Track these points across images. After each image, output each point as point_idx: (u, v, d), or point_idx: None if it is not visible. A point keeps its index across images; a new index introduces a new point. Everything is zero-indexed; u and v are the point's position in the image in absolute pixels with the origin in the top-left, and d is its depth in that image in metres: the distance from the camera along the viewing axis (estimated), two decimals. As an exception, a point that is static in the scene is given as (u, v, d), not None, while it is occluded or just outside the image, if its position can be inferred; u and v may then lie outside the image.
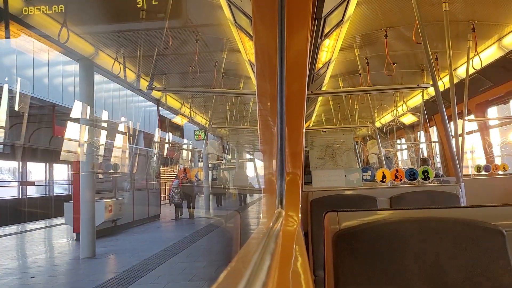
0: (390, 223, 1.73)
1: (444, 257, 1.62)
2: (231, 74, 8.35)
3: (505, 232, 1.62)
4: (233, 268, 0.72)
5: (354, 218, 1.78)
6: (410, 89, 8.82)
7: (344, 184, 4.36)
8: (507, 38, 5.98)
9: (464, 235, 1.66)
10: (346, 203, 3.80)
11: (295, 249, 1.13)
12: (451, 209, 1.94)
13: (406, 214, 1.91)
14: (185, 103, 11.22)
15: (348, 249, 1.68)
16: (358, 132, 14.97)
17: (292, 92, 1.60)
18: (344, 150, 4.65)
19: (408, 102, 10.58)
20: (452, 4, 5.04)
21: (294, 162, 1.81)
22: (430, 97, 8.86)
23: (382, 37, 5.98)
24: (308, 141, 4.72)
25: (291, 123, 1.65)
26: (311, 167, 4.58)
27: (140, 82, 7.44)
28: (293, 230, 1.46)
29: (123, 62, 6.69)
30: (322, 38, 4.45)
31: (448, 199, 3.76)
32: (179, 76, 8.44)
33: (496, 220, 1.69)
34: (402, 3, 5.08)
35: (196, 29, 6.14)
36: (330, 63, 6.77)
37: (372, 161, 14.23)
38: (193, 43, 6.40)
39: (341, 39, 5.96)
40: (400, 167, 5.36)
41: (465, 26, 5.62)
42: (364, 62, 7.29)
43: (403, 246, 1.66)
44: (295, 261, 1.03)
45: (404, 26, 5.69)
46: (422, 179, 4.33)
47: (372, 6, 5.24)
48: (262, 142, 1.82)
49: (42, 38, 5.72)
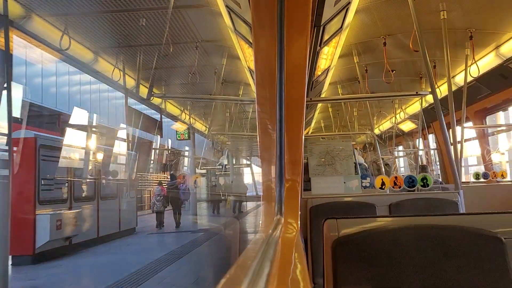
0: (389, 231, 1.73)
1: (443, 265, 1.61)
2: (230, 81, 8.37)
3: (504, 239, 1.62)
4: (232, 275, 0.72)
5: (354, 225, 1.78)
6: (409, 96, 8.84)
7: (343, 191, 4.35)
8: (505, 46, 6.01)
9: (463, 243, 1.66)
10: (345, 210, 3.80)
11: (294, 257, 1.13)
12: (450, 216, 1.94)
13: (405, 221, 1.91)
14: (185, 110, 11.23)
15: (348, 256, 1.68)
16: (357, 139, 14.99)
17: (291, 99, 1.60)
18: (343, 157, 4.65)
19: (407, 109, 10.60)
20: (450, 12, 5.08)
21: (293, 169, 1.82)
22: (428, 105, 8.88)
23: (381, 44, 6.01)
24: (307, 148, 4.71)
25: (290, 130, 1.66)
26: (310, 174, 4.58)
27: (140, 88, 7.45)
28: (292, 237, 1.46)
29: (123, 69, 6.71)
30: (321, 45, 4.47)
31: (447, 206, 3.76)
32: (179, 83, 8.45)
33: (495, 228, 1.69)
34: (400, 11, 5.10)
35: (196, 36, 6.16)
36: (329, 70, 6.79)
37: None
38: (193, 50, 6.42)
39: (340, 46, 5.98)
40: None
41: (463, 34, 5.65)
42: (363, 70, 7.32)
43: (402, 253, 1.65)
44: (294, 269, 1.03)
45: (403, 34, 5.72)
46: (421, 186, 4.33)
47: (370, 14, 5.27)
48: (262, 148, 1.82)
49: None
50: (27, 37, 5.26)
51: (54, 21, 5.32)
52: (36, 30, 5.30)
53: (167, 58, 6.40)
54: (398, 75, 7.18)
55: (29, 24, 5.14)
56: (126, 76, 6.95)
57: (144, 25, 5.49)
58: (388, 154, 12.63)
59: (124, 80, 6.78)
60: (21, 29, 5.02)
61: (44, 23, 5.32)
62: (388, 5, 5.03)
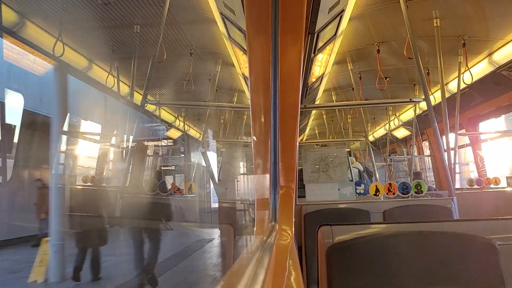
0: (383, 237, 1.73)
1: (437, 271, 1.62)
2: (224, 87, 8.38)
3: (497, 245, 1.63)
4: (227, 282, 0.71)
5: (348, 232, 1.78)
6: (403, 103, 8.90)
7: (338, 198, 4.36)
8: (498, 53, 6.06)
9: (457, 249, 1.67)
10: (340, 216, 3.80)
11: (288, 263, 1.12)
12: (444, 223, 1.94)
13: (399, 228, 1.91)
14: (179, 116, 11.21)
15: (342, 263, 1.68)
16: (352, 146, 15.03)
17: (285, 106, 1.61)
18: (338, 163, 4.66)
19: (401, 116, 10.64)
20: (443, 20, 5.12)
21: (287, 176, 1.81)
22: (422, 111, 8.93)
23: (375, 52, 6.05)
24: (302, 154, 4.72)
25: (284, 137, 1.66)
26: (304, 180, 4.58)
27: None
28: (287, 244, 1.45)
29: (117, 76, 6.69)
30: (315, 52, 4.49)
31: (441, 213, 3.78)
32: (173, 90, 8.45)
33: (489, 234, 1.70)
34: (394, 19, 5.14)
35: (190, 43, 6.17)
36: (323, 77, 6.82)
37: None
38: (187, 57, 6.42)
39: (334, 53, 6.01)
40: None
41: (456, 42, 5.70)
42: (357, 77, 7.35)
43: (397, 260, 1.65)
44: (288, 276, 1.03)
45: (396, 41, 5.76)
46: (415, 193, 4.35)
47: (364, 21, 5.31)
48: (256, 155, 1.82)
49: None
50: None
51: (47, 28, 5.31)
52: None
53: (162, 65, 6.40)
54: (391, 82, 7.23)
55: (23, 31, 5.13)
56: (121, 83, 6.93)
57: (138, 32, 5.49)
58: (382, 161, 12.67)
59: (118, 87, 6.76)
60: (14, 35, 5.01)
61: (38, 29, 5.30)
62: (382, 12, 5.07)
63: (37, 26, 5.23)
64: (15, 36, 5.02)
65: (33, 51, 5.47)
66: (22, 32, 5.09)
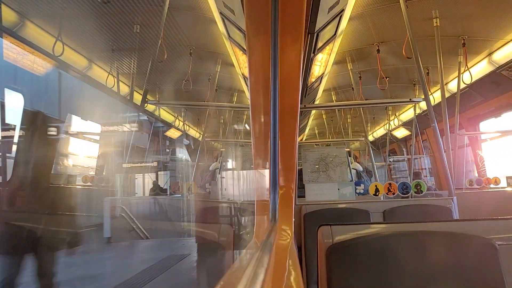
0: (383, 237, 1.73)
1: (437, 271, 1.61)
2: (224, 87, 8.37)
3: (497, 245, 1.62)
4: (226, 282, 0.71)
5: (348, 232, 1.78)
6: (402, 103, 8.89)
7: (337, 198, 4.36)
8: (497, 53, 6.06)
9: (457, 249, 1.67)
10: (340, 216, 3.80)
11: (288, 263, 1.12)
12: (444, 223, 1.94)
13: (399, 228, 1.91)
14: (179, 116, 11.20)
15: (342, 263, 1.68)
16: (351, 146, 15.03)
17: (285, 106, 1.61)
18: (337, 163, 4.66)
19: (401, 116, 10.64)
20: (443, 19, 5.12)
21: (287, 176, 1.81)
22: (422, 111, 8.92)
23: (375, 51, 6.05)
24: (302, 154, 4.72)
25: (284, 137, 1.66)
26: (304, 180, 4.58)
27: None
28: (287, 244, 1.45)
29: (116, 76, 6.68)
30: (315, 52, 4.49)
31: (440, 213, 3.78)
32: (173, 89, 8.44)
33: (489, 234, 1.70)
34: (394, 19, 5.14)
35: (190, 43, 6.17)
36: (323, 77, 6.81)
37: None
38: (187, 57, 6.42)
39: (334, 53, 6.01)
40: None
41: (455, 41, 5.70)
42: (356, 77, 7.35)
43: (396, 260, 1.65)
44: (288, 276, 1.03)
45: (396, 41, 5.76)
46: (415, 193, 4.34)
47: (364, 21, 5.31)
48: (255, 155, 1.82)
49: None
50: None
51: (47, 27, 5.30)
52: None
53: (161, 65, 6.39)
54: (391, 82, 7.22)
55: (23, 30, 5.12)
56: (120, 83, 6.93)
57: (138, 32, 5.49)
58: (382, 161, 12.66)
59: (118, 87, 6.76)
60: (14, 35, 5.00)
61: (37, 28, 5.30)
62: (382, 12, 5.07)
63: (37, 26, 5.22)
64: (15, 36, 5.02)
65: (33, 51, 5.47)
66: (22, 32, 5.08)
